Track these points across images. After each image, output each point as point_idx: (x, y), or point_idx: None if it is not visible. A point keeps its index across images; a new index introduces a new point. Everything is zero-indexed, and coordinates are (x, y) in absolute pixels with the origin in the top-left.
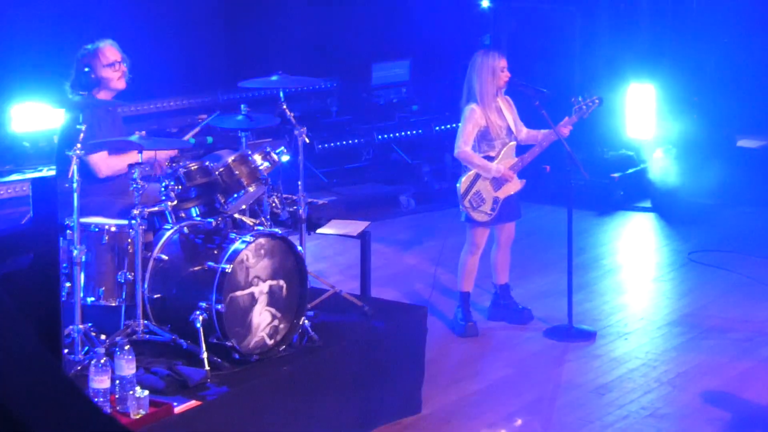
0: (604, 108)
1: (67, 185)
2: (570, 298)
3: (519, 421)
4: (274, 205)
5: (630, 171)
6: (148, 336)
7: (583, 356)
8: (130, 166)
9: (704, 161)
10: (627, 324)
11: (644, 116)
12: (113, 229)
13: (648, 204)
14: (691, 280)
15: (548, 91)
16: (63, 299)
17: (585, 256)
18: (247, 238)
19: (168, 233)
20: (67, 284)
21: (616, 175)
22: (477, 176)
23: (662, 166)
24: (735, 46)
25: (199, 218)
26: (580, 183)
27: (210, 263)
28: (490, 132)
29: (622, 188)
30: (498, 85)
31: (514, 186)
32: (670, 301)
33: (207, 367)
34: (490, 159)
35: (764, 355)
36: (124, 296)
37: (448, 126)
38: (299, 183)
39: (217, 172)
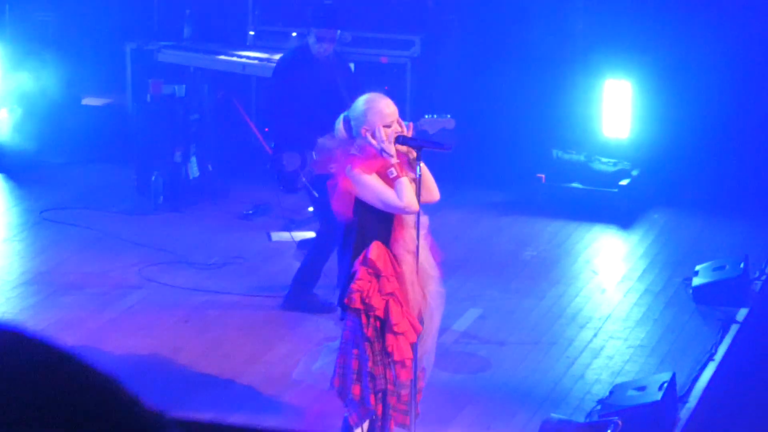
0: None
1: None
2: None
3: None
4: None
5: None
6: None
7: None
8: None
9: (51, 120)
10: None
11: None
12: None
13: None
14: (44, 238)
15: None
16: None
17: None
18: None
19: None
20: None
21: None
22: None
23: (8, 126)
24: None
25: None
26: None
27: None
28: None
29: None
30: None
31: None
32: (24, 260)
33: None
34: None
35: (121, 308)
36: None
37: None
38: None
39: None
